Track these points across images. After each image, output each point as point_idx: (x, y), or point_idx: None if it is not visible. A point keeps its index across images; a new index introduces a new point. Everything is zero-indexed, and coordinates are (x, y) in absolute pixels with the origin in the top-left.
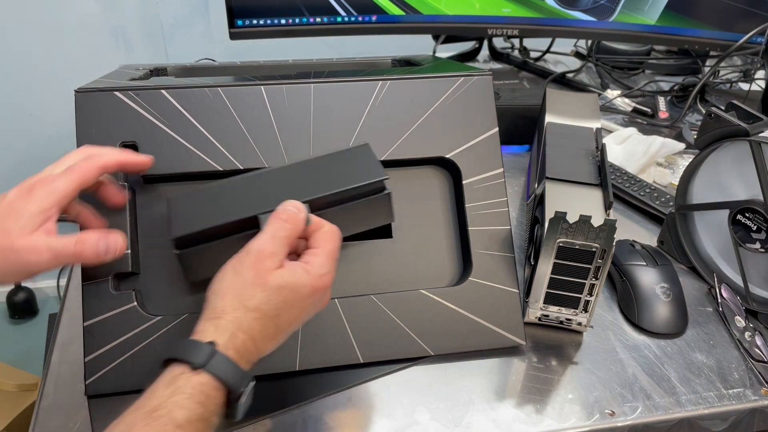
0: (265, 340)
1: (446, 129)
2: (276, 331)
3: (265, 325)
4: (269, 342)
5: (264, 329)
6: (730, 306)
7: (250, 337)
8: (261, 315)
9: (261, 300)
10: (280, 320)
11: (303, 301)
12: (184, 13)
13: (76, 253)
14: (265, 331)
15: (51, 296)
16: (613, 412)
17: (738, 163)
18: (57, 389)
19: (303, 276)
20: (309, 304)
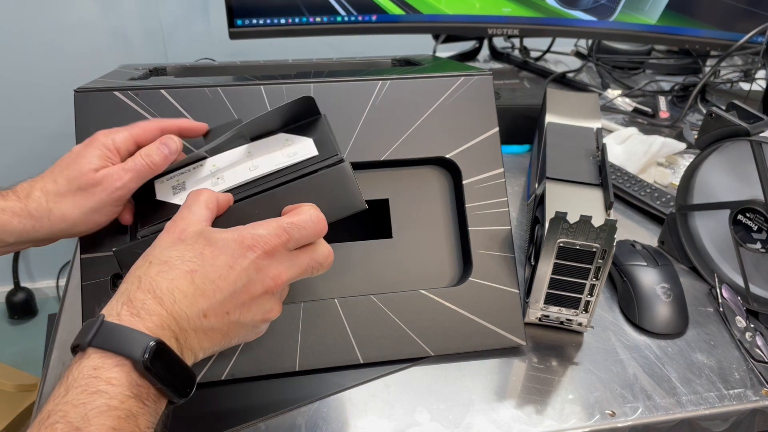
0: (180, 300)
1: (446, 129)
2: (194, 290)
3: (175, 279)
4: (188, 304)
5: (174, 284)
6: (730, 306)
7: (153, 295)
8: (169, 268)
9: (170, 254)
10: (197, 277)
11: (229, 259)
12: (183, 12)
13: (148, 165)
14: (177, 288)
15: (50, 296)
16: (613, 413)
17: (739, 163)
18: None
19: (224, 232)
20: (241, 269)
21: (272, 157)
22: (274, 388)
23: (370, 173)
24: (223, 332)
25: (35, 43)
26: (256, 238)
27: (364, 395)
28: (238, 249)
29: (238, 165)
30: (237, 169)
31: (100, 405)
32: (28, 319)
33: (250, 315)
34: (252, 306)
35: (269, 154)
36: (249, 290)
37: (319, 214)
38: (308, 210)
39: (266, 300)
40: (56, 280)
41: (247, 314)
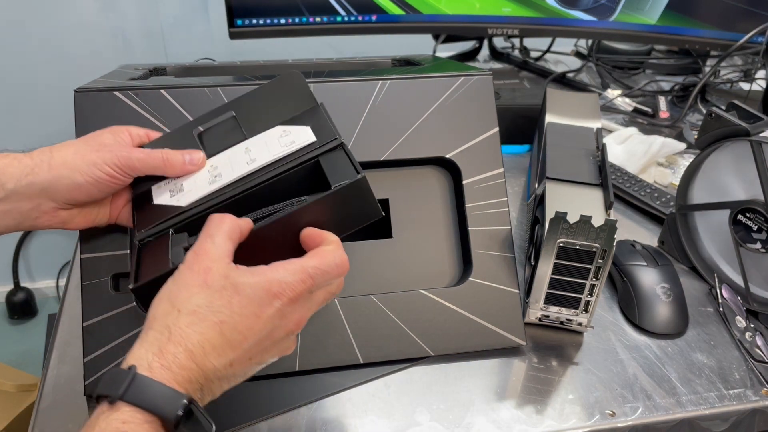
0: (210, 353)
1: (446, 129)
2: (223, 342)
3: (206, 332)
4: (216, 356)
5: (204, 338)
6: (730, 306)
7: (184, 348)
8: (198, 320)
9: (198, 302)
10: (226, 328)
11: (257, 309)
12: (183, 12)
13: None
14: (207, 341)
15: (50, 296)
16: (613, 413)
17: (739, 163)
18: (56, 390)
19: (250, 276)
20: (267, 317)
21: (269, 149)
22: (274, 388)
23: (370, 173)
24: (242, 375)
25: (35, 43)
26: (282, 286)
27: (364, 395)
28: (265, 297)
29: (235, 159)
30: (234, 164)
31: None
32: (28, 319)
33: (269, 356)
34: (272, 348)
35: (266, 146)
36: (272, 336)
37: (342, 255)
38: (332, 252)
39: (285, 340)
40: (56, 280)
41: (266, 356)
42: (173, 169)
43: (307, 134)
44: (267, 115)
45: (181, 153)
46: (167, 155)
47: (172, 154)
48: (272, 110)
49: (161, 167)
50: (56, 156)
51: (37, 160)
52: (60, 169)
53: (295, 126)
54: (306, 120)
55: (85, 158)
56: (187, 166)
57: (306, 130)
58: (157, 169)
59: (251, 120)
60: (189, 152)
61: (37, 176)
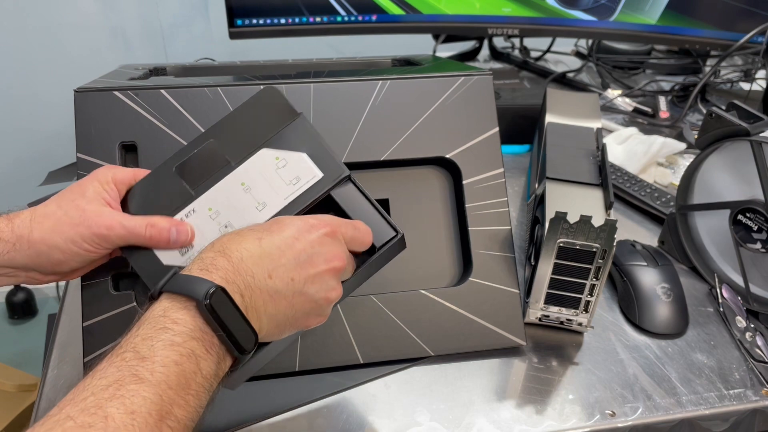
0: (246, 259)
1: (446, 129)
2: (261, 251)
3: (244, 242)
4: (253, 262)
5: (242, 246)
6: (730, 306)
7: (222, 253)
8: (238, 236)
9: (239, 230)
10: (265, 242)
11: (295, 233)
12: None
13: (148, 236)
14: (245, 249)
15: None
16: (613, 413)
17: (739, 163)
18: (56, 390)
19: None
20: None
21: (275, 189)
22: (274, 388)
23: (370, 173)
24: (288, 300)
25: (35, 43)
26: (320, 219)
27: (364, 395)
28: (304, 226)
29: (241, 205)
30: (242, 211)
31: (165, 339)
32: (28, 319)
33: (314, 288)
34: (315, 279)
35: (269, 184)
36: (313, 262)
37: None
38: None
39: (329, 277)
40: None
41: (311, 286)
42: (158, 246)
43: (308, 167)
44: (249, 137)
45: (168, 229)
46: (150, 234)
47: (156, 232)
48: (253, 130)
49: (145, 244)
50: (36, 231)
51: (18, 233)
52: (39, 246)
53: (287, 151)
54: (294, 140)
55: (63, 234)
56: (173, 244)
57: (303, 158)
58: (140, 243)
59: (233, 145)
60: (176, 225)
61: (18, 253)
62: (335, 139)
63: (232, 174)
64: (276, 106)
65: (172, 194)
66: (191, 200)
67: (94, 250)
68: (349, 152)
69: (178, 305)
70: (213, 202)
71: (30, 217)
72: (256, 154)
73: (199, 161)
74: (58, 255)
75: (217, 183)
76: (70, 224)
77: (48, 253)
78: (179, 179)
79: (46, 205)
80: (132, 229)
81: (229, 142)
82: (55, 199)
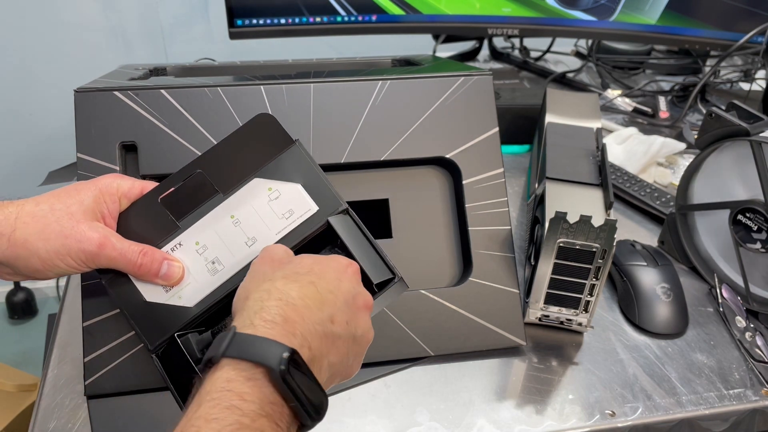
0: (310, 305)
1: (446, 129)
2: (319, 297)
3: (302, 288)
4: (317, 308)
5: (303, 293)
6: (730, 306)
7: (285, 302)
8: (292, 281)
9: (283, 273)
10: (319, 286)
11: (336, 272)
12: (183, 12)
13: (139, 264)
14: (306, 295)
15: (50, 296)
16: (613, 413)
17: (739, 163)
18: (56, 389)
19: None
20: (347, 279)
21: (266, 223)
22: None
23: (370, 173)
24: (346, 344)
25: (35, 43)
26: (347, 260)
27: (364, 395)
28: (339, 265)
29: (229, 239)
30: (230, 245)
31: (233, 422)
32: (28, 319)
33: (360, 330)
34: (359, 318)
35: (260, 217)
36: (356, 301)
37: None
38: None
39: (365, 315)
40: (56, 280)
41: (357, 327)
42: (144, 277)
43: (303, 199)
44: (240, 166)
45: (160, 261)
46: (142, 262)
47: (148, 262)
48: (245, 159)
49: (132, 272)
50: (19, 231)
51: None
52: (18, 248)
53: (281, 182)
54: (289, 169)
55: (48, 243)
56: (159, 279)
57: (297, 190)
58: (128, 272)
59: (223, 174)
60: (169, 261)
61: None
62: (335, 139)
63: (222, 206)
64: (270, 133)
65: (158, 225)
66: (178, 233)
67: (76, 266)
68: (349, 152)
69: (245, 374)
70: (200, 236)
71: (16, 214)
72: (247, 184)
73: (186, 191)
74: (35, 262)
75: (205, 215)
76: (58, 233)
77: (26, 258)
78: (165, 210)
79: (38, 203)
80: (124, 253)
81: (219, 170)
82: (49, 200)
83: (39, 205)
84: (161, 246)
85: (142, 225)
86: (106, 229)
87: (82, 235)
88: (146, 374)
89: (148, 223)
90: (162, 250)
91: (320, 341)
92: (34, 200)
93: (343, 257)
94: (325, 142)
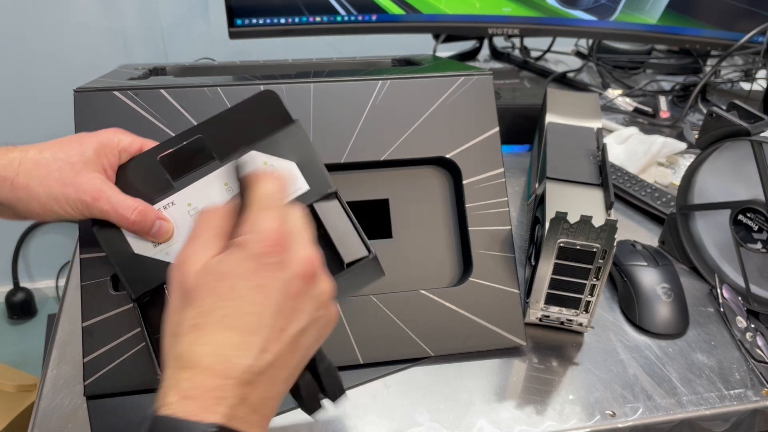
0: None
1: (446, 129)
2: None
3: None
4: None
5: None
6: (731, 306)
7: (201, 368)
8: (200, 331)
9: (189, 315)
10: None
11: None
12: (183, 12)
13: (132, 221)
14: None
15: (50, 297)
16: (614, 413)
17: (739, 163)
18: (56, 390)
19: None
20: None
21: None
22: None
23: (370, 173)
24: (289, 352)
25: (35, 43)
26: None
27: (364, 395)
28: (251, 260)
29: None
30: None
31: None
32: (28, 319)
33: (305, 315)
34: (303, 303)
35: None
36: (288, 291)
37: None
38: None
39: (311, 287)
40: (56, 280)
41: (302, 316)
42: (135, 233)
43: (295, 177)
44: (239, 137)
45: (153, 221)
46: (135, 219)
47: (141, 220)
48: (245, 131)
49: (124, 226)
50: (22, 176)
51: (2, 173)
52: (20, 192)
53: (277, 158)
54: (286, 147)
55: (49, 189)
56: (150, 237)
57: (291, 167)
58: (120, 226)
59: (222, 142)
60: (161, 220)
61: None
62: (335, 139)
63: (217, 172)
64: (272, 110)
65: (154, 182)
66: (172, 192)
67: (73, 213)
68: (349, 152)
69: None
70: (193, 198)
71: (20, 160)
72: (244, 155)
73: (184, 153)
74: (35, 206)
75: (200, 179)
76: (58, 181)
77: (27, 201)
78: (162, 169)
79: (41, 150)
80: (118, 207)
81: (218, 138)
82: (51, 148)
83: (42, 152)
84: (155, 202)
85: (139, 180)
86: (105, 182)
87: (81, 185)
88: (146, 374)
89: (145, 179)
90: (155, 206)
91: (259, 385)
92: (37, 147)
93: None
94: (325, 142)
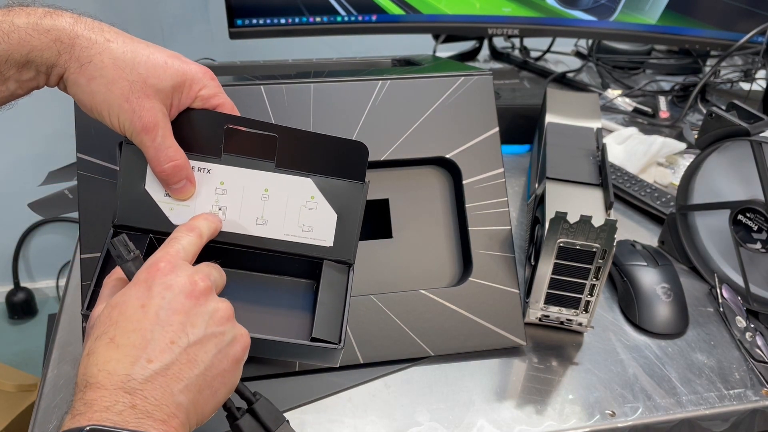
0: (114, 369)
1: (446, 129)
2: (122, 350)
3: (100, 358)
4: (125, 365)
5: (101, 362)
6: (730, 306)
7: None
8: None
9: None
10: (117, 339)
11: (137, 302)
12: (183, 12)
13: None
14: (105, 361)
15: (50, 296)
16: (613, 413)
17: (739, 163)
18: (56, 390)
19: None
20: (153, 299)
21: (286, 221)
22: (274, 388)
23: (370, 173)
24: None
25: None
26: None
27: (364, 395)
28: (140, 289)
29: (248, 204)
30: (244, 210)
31: None
32: (28, 319)
33: (197, 330)
34: (194, 318)
35: (285, 211)
36: (173, 307)
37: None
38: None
39: (199, 305)
40: (56, 280)
41: (194, 330)
42: (161, 181)
43: (328, 228)
44: (310, 160)
45: (180, 179)
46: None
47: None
48: (318, 159)
49: (152, 167)
50: (94, 65)
51: (79, 51)
52: (82, 77)
53: (325, 201)
54: (340, 197)
55: (109, 95)
56: (168, 189)
57: (331, 217)
58: (149, 165)
59: (290, 153)
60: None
61: (60, 67)
62: None
63: (266, 174)
64: (354, 159)
65: (207, 142)
66: (216, 162)
67: (117, 126)
68: None
69: None
70: (229, 179)
71: (100, 49)
72: (300, 177)
73: (251, 138)
74: (86, 98)
75: (247, 168)
76: (123, 93)
77: (83, 86)
78: (221, 137)
79: (125, 51)
80: (159, 150)
81: (289, 148)
82: (135, 56)
83: (125, 54)
84: (194, 160)
85: (196, 131)
86: (164, 118)
87: (141, 109)
88: None
89: (201, 134)
90: (191, 163)
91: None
92: (122, 40)
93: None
94: None
